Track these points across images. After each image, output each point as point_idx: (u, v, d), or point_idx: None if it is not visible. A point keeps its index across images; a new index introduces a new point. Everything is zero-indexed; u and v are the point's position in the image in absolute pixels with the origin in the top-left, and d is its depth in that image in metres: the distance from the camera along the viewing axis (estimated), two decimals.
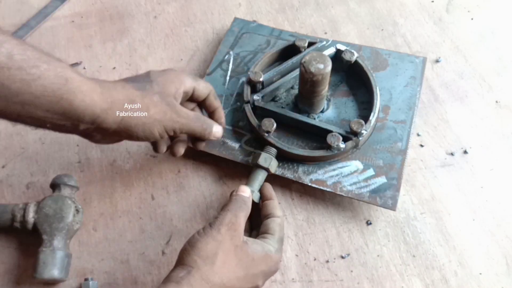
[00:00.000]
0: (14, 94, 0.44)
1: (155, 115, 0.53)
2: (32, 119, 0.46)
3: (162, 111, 0.53)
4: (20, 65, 0.43)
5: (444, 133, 0.70)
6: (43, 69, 0.45)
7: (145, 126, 0.52)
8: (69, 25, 0.86)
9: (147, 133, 0.53)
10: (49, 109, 0.46)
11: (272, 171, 0.63)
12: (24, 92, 0.44)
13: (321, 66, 0.60)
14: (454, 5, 0.85)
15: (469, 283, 0.59)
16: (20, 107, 0.45)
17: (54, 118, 0.47)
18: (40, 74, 0.44)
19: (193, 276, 0.46)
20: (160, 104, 0.53)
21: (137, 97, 0.52)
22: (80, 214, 0.63)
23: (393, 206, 0.61)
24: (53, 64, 0.46)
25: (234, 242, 0.50)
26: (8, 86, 0.43)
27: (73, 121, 0.49)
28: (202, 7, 0.87)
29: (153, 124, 0.53)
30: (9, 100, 0.44)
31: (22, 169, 0.69)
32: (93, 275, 0.61)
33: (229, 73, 0.75)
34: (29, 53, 0.45)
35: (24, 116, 0.46)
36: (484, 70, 0.76)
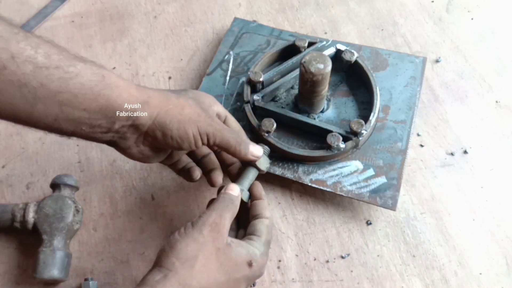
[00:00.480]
0: (53, 93, 0.43)
1: (189, 114, 0.52)
2: (69, 121, 0.46)
3: (196, 113, 0.52)
4: (58, 64, 0.44)
5: (444, 133, 0.70)
6: (80, 68, 0.45)
7: (180, 124, 0.51)
8: (69, 25, 0.86)
9: (181, 132, 0.51)
10: (87, 108, 0.46)
11: (263, 169, 0.59)
12: (63, 90, 0.44)
13: (321, 66, 0.60)
14: (454, 5, 0.85)
15: (469, 283, 0.59)
16: (58, 108, 0.44)
17: (91, 117, 0.47)
18: (77, 72, 0.45)
19: (169, 280, 0.44)
20: (194, 106, 0.53)
21: (173, 97, 0.52)
22: (80, 214, 0.63)
23: (393, 206, 0.61)
24: (88, 63, 0.47)
25: (217, 245, 0.47)
26: (47, 86, 0.43)
27: (109, 118, 0.48)
28: (202, 7, 0.87)
29: (188, 123, 0.51)
30: (48, 101, 0.44)
31: (22, 169, 0.70)
32: (93, 275, 0.61)
33: (229, 73, 0.75)
34: (65, 54, 0.45)
35: (61, 119, 0.45)
36: (484, 70, 0.76)
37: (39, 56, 0.42)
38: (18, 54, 0.41)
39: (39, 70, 0.42)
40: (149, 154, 0.54)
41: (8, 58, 0.41)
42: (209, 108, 0.57)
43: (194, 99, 0.55)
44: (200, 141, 0.53)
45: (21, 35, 0.42)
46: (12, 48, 0.41)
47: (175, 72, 0.79)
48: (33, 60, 0.42)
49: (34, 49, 0.42)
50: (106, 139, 0.51)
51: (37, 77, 0.42)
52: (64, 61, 0.44)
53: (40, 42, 0.43)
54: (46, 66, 0.43)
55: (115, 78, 0.48)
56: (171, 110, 0.51)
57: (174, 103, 0.52)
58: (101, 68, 0.47)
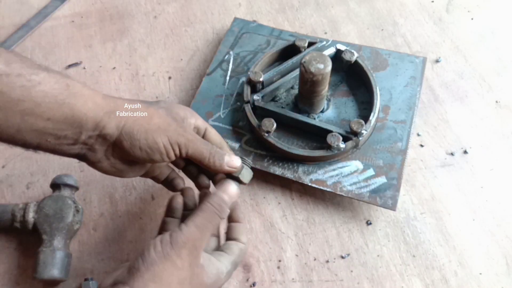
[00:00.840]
0: (14, 102, 0.42)
1: (158, 124, 0.49)
2: (33, 132, 0.44)
3: (166, 122, 0.50)
4: (19, 72, 0.42)
5: (444, 133, 0.70)
6: (42, 76, 0.44)
7: (147, 134, 0.48)
8: (69, 25, 0.86)
9: (150, 142, 0.48)
10: (51, 117, 0.44)
11: (245, 182, 0.53)
12: (25, 99, 0.42)
13: (321, 66, 0.60)
14: (454, 5, 0.85)
15: (469, 283, 0.59)
16: (20, 118, 0.43)
17: (55, 127, 0.45)
18: (40, 80, 0.43)
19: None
20: (164, 116, 0.50)
21: (142, 107, 0.50)
22: (80, 214, 0.63)
23: (393, 206, 0.61)
24: (52, 72, 0.45)
25: (192, 269, 0.46)
26: (8, 94, 0.41)
27: (75, 129, 0.46)
28: (202, 7, 0.87)
29: (156, 132, 0.48)
30: (8, 110, 0.42)
31: (22, 169, 0.70)
32: (93, 275, 0.61)
33: (229, 73, 0.75)
34: (28, 62, 0.44)
35: (23, 130, 0.44)
36: (484, 70, 0.76)
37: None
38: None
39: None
40: (122, 168, 0.51)
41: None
42: (184, 119, 0.53)
43: (165, 109, 0.52)
44: (172, 151, 0.50)
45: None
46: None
47: (175, 72, 0.79)
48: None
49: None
50: (74, 152, 0.48)
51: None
52: (26, 69, 0.43)
53: (1, 51, 0.42)
54: (7, 73, 0.41)
55: (80, 87, 0.46)
56: (139, 120, 0.48)
57: (142, 111, 0.49)
58: (66, 77, 0.46)
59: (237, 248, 0.52)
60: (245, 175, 0.53)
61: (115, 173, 0.51)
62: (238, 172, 0.52)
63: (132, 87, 0.78)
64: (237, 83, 0.74)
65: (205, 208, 0.48)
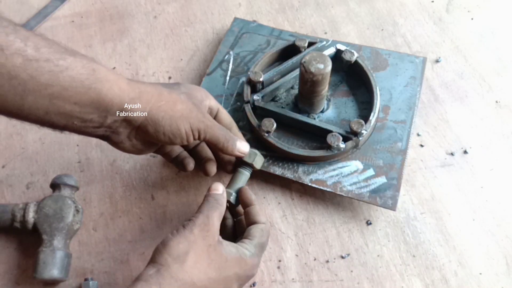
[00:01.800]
0: (43, 86, 0.43)
1: (182, 110, 0.52)
2: (60, 115, 0.46)
3: (188, 108, 0.53)
4: (48, 57, 0.44)
5: (444, 133, 0.70)
6: (70, 61, 0.45)
7: (172, 120, 0.51)
8: (69, 25, 0.86)
9: (173, 128, 0.52)
10: (77, 101, 0.46)
11: (257, 167, 0.61)
12: (53, 83, 0.44)
13: (321, 66, 0.60)
14: (454, 5, 0.85)
15: (469, 283, 0.59)
16: (48, 102, 0.45)
17: (82, 111, 0.47)
18: (67, 65, 0.45)
19: (162, 274, 0.46)
20: (186, 102, 0.54)
21: (165, 92, 0.53)
22: (80, 214, 0.63)
23: (393, 206, 0.61)
24: (79, 57, 0.46)
25: (207, 242, 0.49)
26: (37, 79, 0.43)
27: (101, 112, 0.48)
28: (202, 7, 0.87)
29: (180, 119, 0.52)
30: (37, 94, 0.44)
31: (22, 169, 0.70)
32: (93, 275, 0.61)
33: (229, 73, 0.75)
34: (55, 47, 0.45)
35: (51, 113, 0.45)
36: (484, 70, 0.76)
37: (28, 48, 0.42)
38: (7, 46, 0.41)
39: (28, 63, 0.42)
40: (141, 148, 0.55)
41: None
42: (201, 103, 0.57)
43: (186, 94, 0.55)
44: (191, 137, 0.54)
45: (11, 28, 0.42)
46: (1, 40, 0.41)
47: (175, 72, 0.79)
48: (22, 53, 0.42)
49: (24, 42, 0.42)
50: (98, 134, 0.51)
51: (27, 70, 0.42)
52: (54, 54, 0.44)
53: (30, 35, 0.43)
54: (36, 58, 0.43)
55: (106, 71, 0.48)
56: (163, 106, 0.51)
57: (166, 98, 0.52)
58: (92, 62, 0.47)
59: (257, 230, 0.55)
60: (258, 161, 0.60)
61: (133, 151, 0.55)
62: (252, 159, 0.59)
63: None
64: (237, 83, 0.74)
65: (206, 201, 0.53)
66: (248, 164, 0.60)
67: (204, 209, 0.52)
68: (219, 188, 0.55)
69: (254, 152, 0.61)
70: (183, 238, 0.48)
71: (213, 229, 0.50)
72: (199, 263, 0.48)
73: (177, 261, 0.47)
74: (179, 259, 0.47)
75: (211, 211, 0.51)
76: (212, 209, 0.52)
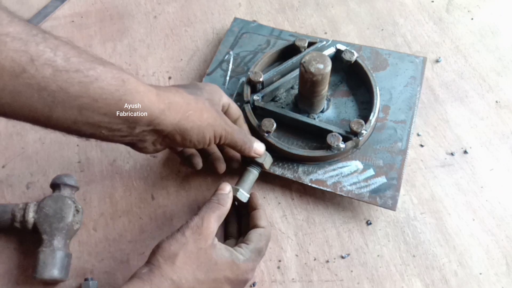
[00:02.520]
0: (72, 98, 0.43)
1: (208, 119, 0.54)
2: (88, 125, 0.46)
3: (213, 116, 0.54)
4: (77, 67, 0.43)
5: (444, 133, 0.70)
6: (99, 71, 0.44)
7: (199, 129, 0.53)
8: (69, 25, 0.86)
9: (200, 137, 0.54)
10: (107, 112, 0.45)
11: (267, 168, 0.63)
12: (83, 95, 0.43)
13: (321, 66, 0.60)
14: (454, 5, 0.85)
15: (469, 283, 0.59)
16: (77, 112, 0.44)
17: (111, 122, 0.46)
18: (97, 76, 0.44)
19: (154, 273, 0.48)
20: (211, 110, 0.55)
21: (192, 101, 0.53)
22: (80, 214, 0.63)
23: (393, 206, 0.61)
24: (108, 66, 0.46)
25: (198, 245, 0.50)
26: (67, 90, 0.42)
27: (130, 124, 0.48)
28: (202, 7, 0.87)
29: (206, 128, 0.54)
30: (67, 105, 0.43)
31: (22, 169, 0.70)
32: (93, 275, 0.61)
33: (229, 73, 0.75)
34: (85, 56, 0.44)
35: (80, 123, 0.45)
36: (484, 70, 0.76)
37: (58, 58, 0.41)
38: (37, 56, 0.40)
39: (58, 74, 0.41)
40: (160, 150, 0.56)
41: (28, 61, 0.40)
42: (219, 105, 0.59)
43: (209, 100, 0.56)
44: (213, 141, 0.56)
45: (40, 37, 0.41)
46: (31, 50, 0.40)
47: (175, 72, 0.79)
48: (52, 63, 0.41)
49: (53, 52, 0.41)
50: (125, 142, 0.52)
51: (57, 81, 0.41)
52: (84, 64, 0.43)
53: (59, 44, 0.43)
54: (66, 69, 0.42)
55: (135, 83, 0.47)
56: (192, 116, 0.52)
57: (194, 108, 0.53)
58: (121, 72, 0.47)
59: (255, 235, 0.56)
60: (267, 161, 0.62)
61: (151, 153, 0.56)
62: (263, 159, 0.61)
63: None
64: (237, 83, 0.74)
65: (207, 203, 0.54)
66: (258, 164, 0.62)
67: (201, 212, 0.53)
68: (225, 188, 0.56)
69: (265, 152, 0.62)
70: (174, 241, 0.50)
71: (206, 232, 0.51)
72: (188, 264, 0.49)
73: (168, 262, 0.49)
74: (169, 260, 0.49)
75: (208, 213, 0.52)
76: (210, 211, 0.53)
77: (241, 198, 0.59)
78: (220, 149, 0.65)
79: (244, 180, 0.61)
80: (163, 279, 0.48)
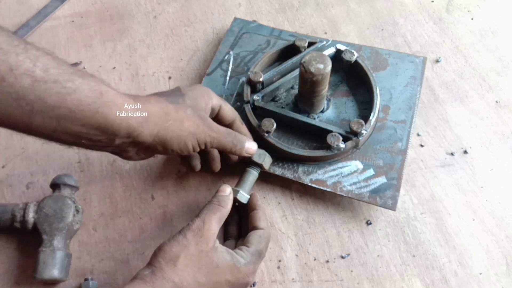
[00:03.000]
0: (50, 108, 0.44)
1: (189, 128, 0.53)
2: (68, 134, 0.46)
3: (195, 124, 0.54)
4: (56, 78, 0.43)
5: (444, 133, 0.70)
6: (78, 83, 0.45)
7: (180, 139, 0.53)
8: (69, 25, 0.86)
9: (181, 146, 0.54)
10: (85, 124, 0.46)
11: (266, 168, 0.63)
12: (60, 106, 0.44)
13: (321, 66, 0.60)
14: (454, 5, 0.85)
15: (469, 283, 0.59)
16: (56, 122, 0.45)
17: (89, 133, 0.47)
18: (75, 88, 0.45)
19: (155, 275, 0.48)
20: (193, 117, 0.54)
21: (172, 110, 0.53)
22: (80, 214, 0.63)
23: (393, 206, 0.61)
24: (87, 78, 0.46)
25: (199, 247, 0.50)
26: (45, 100, 0.43)
27: (109, 135, 0.48)
28: (202, 7, 0.87)
29: (187, 137, 0.53)
30: (45, 114, 0.44)
31: (22, 169, 0.70)
32: (93, 275, 0.61)
33: (229, 73, 0.75)
34: (64, 67, 0.45)
35: (59, 132, 0.46)
36: (484, 70, 0.76)
37: (37, 69, 0.42)
38: (17, 66, 0.41)
39: (37, 84, 0.42)
40: (147, 157, 0.57)
41: (7, 70, 0.41)
42: (206, 107, 0.58)
43: (192, 107, 0.55)
44: (198, 148, 0.56)
45: (21, 48, 0.42)
46: (11, 60, 0.41)
47: (175, 72, 0.79)
48: (31, 74, 0.42)
49: (33, 62, 0.42)
50: (107, 151, 0.52)
51: (35, 91, 0.42)
52: (63, 76, 0.44)
53: (40, 55, 0.43)
54: (44, 80, 0.43)
55: (114, 95, 0.48)
56: (171, 126, 0.52)
57: (173, 117, 0.52)
58: (100, 84, 0.47)
59: (255, 237, 0.55)
60: (267, 162, 0.62)
61: (138, 160, 0.56)
62: (262, 159, 0.61)
63: (132, 87, 0.78)
64: (237, 83, 0.74)
65: (208, 204, 0.55)
66: (257, 164, 0.62)
67: (202, 213, 0.53)
68: (225, 190, 0.57)
69: (264, 152, 0.62)
70: (176, 243, 0.50)
71: (208, 234, 0.51)
72: (189, 267, 0.49)
73: (169, 264, 0.49)
74: (171, 262, 0.49)
75: (209, 215, 0.53)
76: (211, 212, 0.53)
77: (241, 199, 0.59)
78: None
79: (244, 181, 0.61)
80: (164, 281, 0.48)
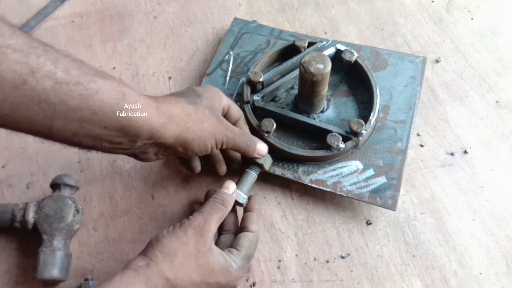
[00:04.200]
0: (72, 110, 0.43)
1: (208, 128, 0.54)
2: (89, 137, 0.46)
3: (213, 125, 0.55)
4: (78, 80, 0.43)
5: (444, 133, 0.70)
6: (100, 84, 0.44)
7: (200, 140, 0.53)
8: (69, 25, 0.86)
9: (201, 146, 0.54)
10: (107, 126, 0.45)
11: (267, 168, 0.63)
12: (82, 108, 0.43)
13: (321, 66, 0.60)
14: (454, 5, 0.85)
15: (469, 283, 0.59)
16: (78, 125, 0.44)
17: (111, 135, 0.46)
18: (97, 89, 0.44)
19: (151, 268, 0.48)
20: (211, 118, 0.55)
21: (192, 111, 0.53)
22: (80, 214, 0.63)
23: (393, 206, 0.61)
24: (109, 79, 0.46)
25: (198, 247, 0.50)
26: (67, 102, 0.42)
27: (131, 137, 0.48)
28: (202, 7, 0.87)
29: (207, 137, 0.54)
30: (67, 117, 0.43)
31: (22, 169, 0.70)
32: (93, 275, 0.61)
33: (229, 73, 0.75)
34: (85, 68, 0.44)
35: (80, 135, 0.45)
36: (484, 70, 0.76)
37: (58, 71, 0.41)
38: (38, 68, 0.40)
39: (59, 86, 0.41)
40: (163, 158, 0.56)
41: (28, 73, 0.40)
42: (220, 110, 0.59)
43: (209, 107, 0.56)
44: (215, 148, 0.56)
45: (41, 49, 0.41)
46: (32, 62, 0.40)
47: (175, 72, 0.79)
48: (52, 75, 0.41)
49: (54, 64, 0.41)
50: (126, 153, 0.52)
51: (57, 93, 0.41)
52: (84, 77, 0.43)
53: (60, 56, 0.42)
54: (66, 82, 0.42)
55: (136, 96, 0.47)
56: (192, 127, 0.52)
57: (194, 118, 0.53)
58: (122, 85, 0.46)
59: (246, 240, 0.55)
60: (267, 162, 0.62)
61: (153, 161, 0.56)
62: (263, 159, 0.61)
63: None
64: (237, 83, 0.74)
65: (211, 201, 0.54)
66: (258, 165, 0.62)
67: (204, 211, 0.52)
68: (230, 187, 0.56)
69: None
70: (176, 238, 0.50)
71: (207, 235, 0.51)
72: (185, 265, 0.49)
73: (166, 260, 0.48)
74: (168, 258, 0.49)
75: (211, 214, 0.52)
76: (213, 211, 0.52)
77: (239, 200, 0.59)
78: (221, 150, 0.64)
79: (243, 182, 0.61)
80: (159, 277, 0.47)
